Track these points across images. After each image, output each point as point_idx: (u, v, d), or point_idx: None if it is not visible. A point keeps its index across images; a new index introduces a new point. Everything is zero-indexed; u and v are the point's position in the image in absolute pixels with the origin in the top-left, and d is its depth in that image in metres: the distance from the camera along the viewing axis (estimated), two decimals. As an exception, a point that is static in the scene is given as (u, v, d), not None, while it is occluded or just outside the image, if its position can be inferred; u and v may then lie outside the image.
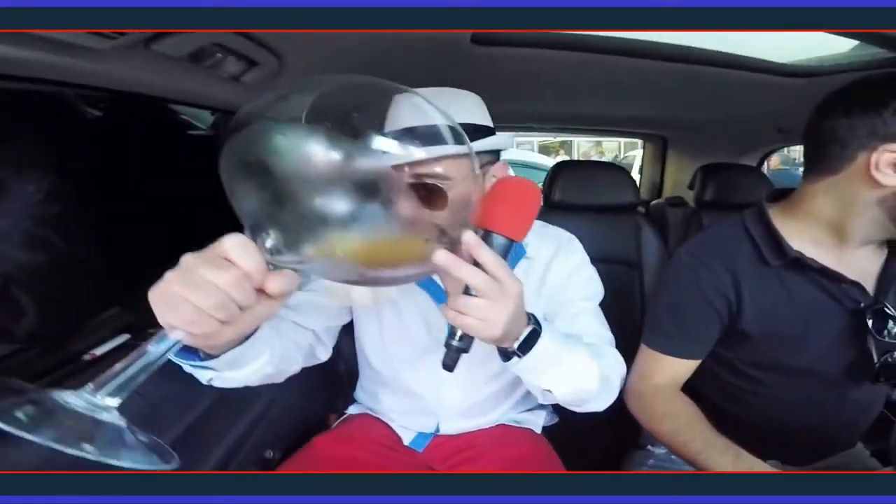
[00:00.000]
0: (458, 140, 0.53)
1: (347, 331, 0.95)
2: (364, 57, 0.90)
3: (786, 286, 0.81)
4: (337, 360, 1.16)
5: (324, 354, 0.88)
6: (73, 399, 0.38)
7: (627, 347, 0.87)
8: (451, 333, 0.58)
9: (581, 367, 0.68)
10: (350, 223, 0.43)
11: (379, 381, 0.96)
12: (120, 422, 0.39)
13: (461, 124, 0.55)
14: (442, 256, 0.50)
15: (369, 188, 0.44)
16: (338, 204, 0.42)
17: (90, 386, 0.39)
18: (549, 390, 0.67)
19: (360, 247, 0.45)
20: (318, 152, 0.41)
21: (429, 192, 0.65)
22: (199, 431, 0.84)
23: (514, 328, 0.59)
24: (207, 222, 0.59)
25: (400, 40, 0.86)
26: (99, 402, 0.39)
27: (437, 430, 0.93)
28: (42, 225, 0.88)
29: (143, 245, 1.08)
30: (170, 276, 0.41)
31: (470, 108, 0.77)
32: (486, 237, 0.57)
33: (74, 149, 0.95)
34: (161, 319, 0.42)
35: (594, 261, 0.91)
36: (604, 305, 0.87)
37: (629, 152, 6.07)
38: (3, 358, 0.78)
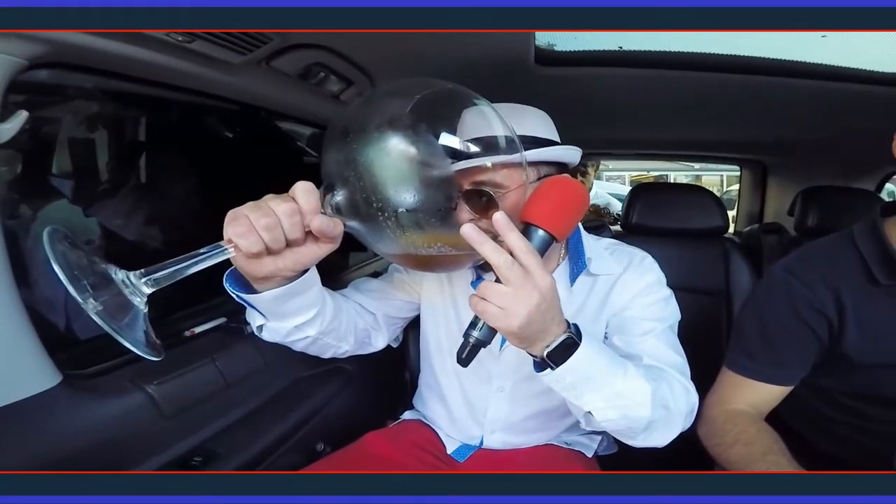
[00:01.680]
0: (513, 150, 0.58)
1: (417, 340, 0.98)
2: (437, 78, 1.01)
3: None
4: (403, 368, 1.23)
5: (381, 342, 0.90)
6: (119, 275, 0.45)
7: (707, 387, 0.82)
8: (473, 324, 0.57)
9: (631, 391, 0.61)
10: (405, 209, 0.51)
11: (433, 387, 0.96)
12: (142, 307, 0.46)
13: (520, 136, 0.60)
14: (468, 230, 0.51)
15: (428, 184, 0.52)
16: (399, 191, 0.51)
17: (140, 271, 0.46)
18: (590, 413, 0.62)
19: (407, 229, 0.53)
20: (390, 148, 0.51)
21: (481, 198, 0.68)
22: (262, 414, 0.93)
23: (541, 329, 0.55)
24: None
25: (469, 63, 0.92)
26: (137, 283, 0.45)
27: (482, 442, 0.91)
28: (184, 216, 1.06)
29: None
30: (248, 203, 0.50)
31: (533, 122, 0.78)
32: (525, 230, 0.57)
33: (212, 159, 1.14)
34: (224, 233, 0.49)
35: (674, 289, 0.85)
36: (683, 337, 0.80)
37: (732, 186, 5.63)
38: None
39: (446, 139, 0.53)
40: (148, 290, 0.46)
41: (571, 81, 1.11)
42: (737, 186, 5.38)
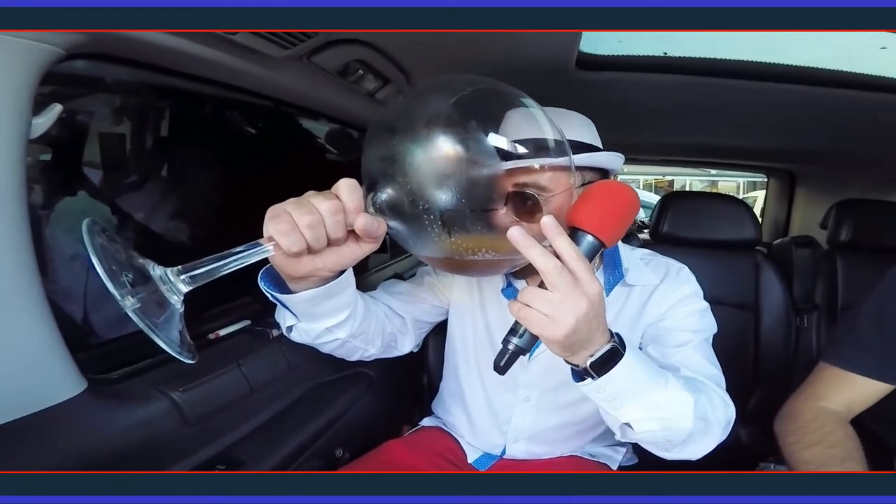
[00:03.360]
0: (561, 153, 0.55)
1: (437, 345, 0.96)
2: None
3: None
4: (421, 372, 1.21)
5: (408, 346, 0.88)
6: (157, 271, 0.44)
7: (734, 400, 0.77)
8: (513, 330, 0.54)
9: (672, 403, 0.59)
10: (451, 210, 0.48)
11: (457, 394, 0.95)
12: (178, 306, 0.45)
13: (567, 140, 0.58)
14: (515, 233, 0.48)
15: (476, 185, 0.49)
16: (446, 191, 0.48)
17: (178, 267, 0.44)
18: (628, 425, 0.59)
19: (451, 231, 0.50)
20: (438, 146, 0.48)
21: (525, 201, 0.64)
22: (285, 419, 0.92)
23: (586, 339, 0.53)
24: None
25: (508, 65, 0.90)
26: (175, 280, 0.44)
27: (504, 452, 0.90)
28: (207, 208, 1.05)
29: None
30: (290, 200, 0.48)
31: (578, 126, 0.77)
32: (573, 235, 0.54)
33: (235, 153, 1.12)
34: (265, 230, 0.47)
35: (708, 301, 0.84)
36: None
37: (749, 193, 5.56)
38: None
39: (495, 139, 0.50)
40: (185, 288, 0.44)
41: (610, 86, 1.08)
42: (755, 193, 5.35)
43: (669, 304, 0.80)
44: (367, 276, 1.47)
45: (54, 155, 0.94)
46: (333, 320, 0.65)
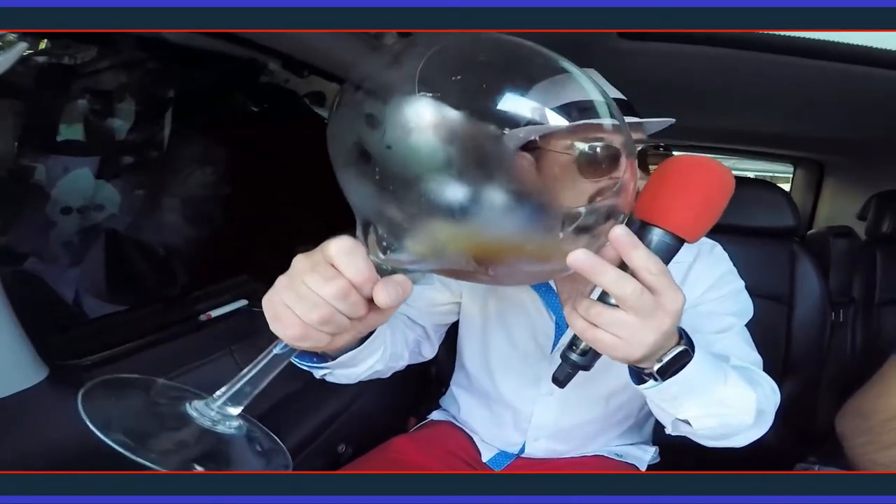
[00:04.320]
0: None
1: (447, 332, 0.90)
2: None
3: None
4: (429, 363, 1.12)
5: (429, 352, 0.84)
6: (198, 412, 0.38)
7: None
8: (573, 344, 0.48)
9: (735, 400, 0.55)
10: (471, 211, 0.35)
11: (469, 388, 0.89)
12: (240, 431, 0.39)
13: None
14: (580, 258, 0.39)
15: (489, 166, 0.36)
16: (456, 188, 0.34)
17: (212, 398, 0.39)
18: (686, 421, 0.55)
19: (481, 240, 0.37)
20: (427, 124, 0.34)
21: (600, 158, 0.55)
22: (280, 415, 0.83)
23: (660, 348, 0.47)
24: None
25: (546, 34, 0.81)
26: (221, 410, 0.39)
27: (522, 450, 0.84)
28: (210, 202, 0.99)
29: (278, 220, 1.15)
30: (280, 282, 0.39)
31: (606, 85, 0.70)
32: (645, 231, 0.45)
33: (241, 139, 1.07)
34: (272, 328, 0.39)
35: None
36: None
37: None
38: (129, 308, 0.86)
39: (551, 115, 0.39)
40: (236, 411, 0.39)
41: (649, 58, 0.98)
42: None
43: (707, 285, 0.74)
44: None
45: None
46: (371, 360, 0.62)
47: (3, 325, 0.50)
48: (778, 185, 1.45)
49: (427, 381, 1.15)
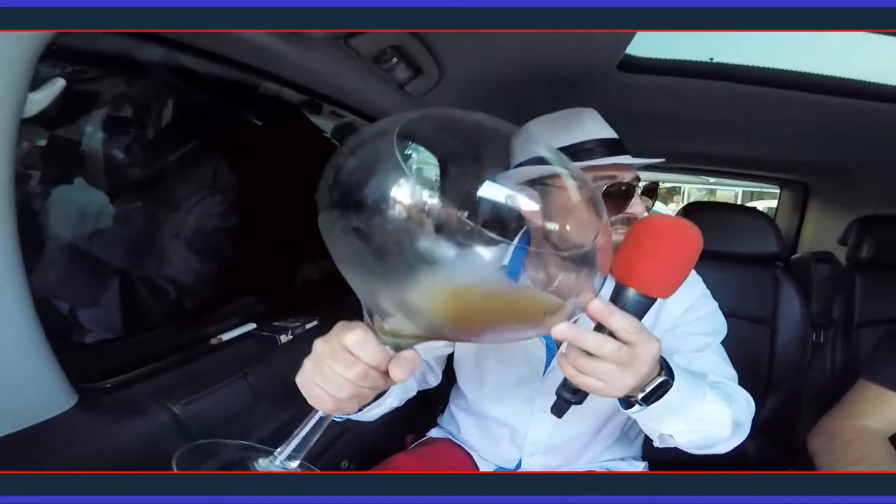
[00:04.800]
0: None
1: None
2: (514, 78, 0.92)
3: None
4: None
5: (434, 381, 0.91)
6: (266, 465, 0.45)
7: None
8: (565, 384, 0.55)
9: (713, 415, 0.62)
10: (464, 289, 0.38)
11: (467, 408, 0.92)
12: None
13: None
14: (563, 331, 0.44)
15: (468, 255, 0.37)
16: (436, 278, 0.37)
17: (273, 455, 0.46)
18: (671, 436, 0.62)
19: (466, 320, 0.40)
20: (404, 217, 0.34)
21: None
22: (286, 433, 0.85)
23: (640, 384, 0.53)
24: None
25: (549, 63, 0.85)
26: (285, 465, 0.46)
27: (519, 466, 0.87)
28: (219, 234, 1.00)
29: (280, 242, 1.17)
30: (308, 365, 0.46)
31: (593, 124, 0.76)
32: (621, 291, 0.50)
33: (244, 156, 1.07)
34: (310, 403, 0.46)
35: (724, 315, 0.83)
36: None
37: (748, 203, 5.56)
38: (143, 334, 0.87)
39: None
40: (295, 464, 0.46)
41: (646, 90, 1.03)
42: (753, 203, 5.35)
43: (684, 308, 0.79)
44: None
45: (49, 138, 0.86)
46: (388, 402, 0.70)
47: (35, 350, 0.52)
48: (765, 200, 1.50)
49: (426, 401, 1.16)
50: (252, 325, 0.90)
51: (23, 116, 0.46)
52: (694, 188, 7.74)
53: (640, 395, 0.55)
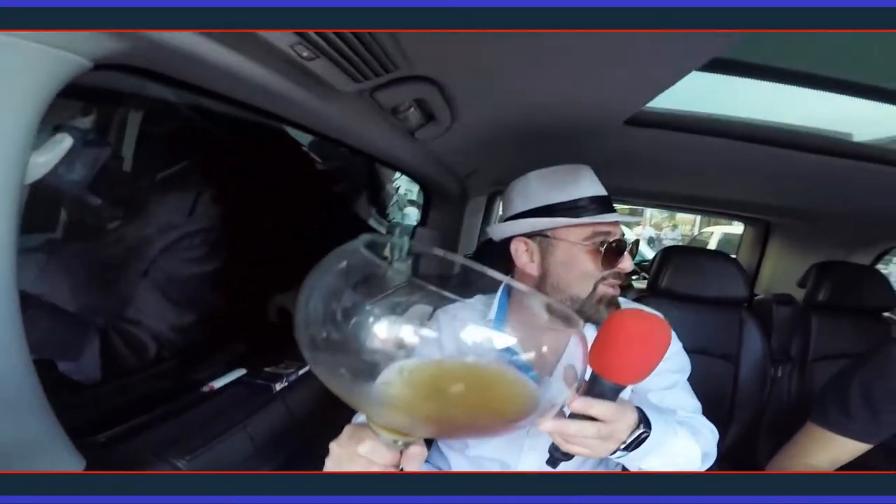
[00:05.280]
0: None
1: None
2: (522, 127, 0.94)
3: None
4: None
5: None
6: None
7: None
8: (556, 447, 0.60)
9: (684, 451, 0.68)
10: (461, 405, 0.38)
11: (454, 446, 0.92)
12: None
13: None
14: (550, 427, 0.54)
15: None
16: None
17: None
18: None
19: (454, 426, 0.41)
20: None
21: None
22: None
23: (622, 440, 0.60)
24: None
25: (559, 117, 0.88)
26: None
27: None
28: (198, 282, 0.91)
29: (264, 278, 1.12)
30: (329, 465, 0.53)
31: (589, 181, 0.81)
32: (597, 380, 0.55)
33: (228, 193, 0.97)
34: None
35: (691, 352, 0.88)
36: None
37: (705, 228, 5.84)
38: (132, 382, 0.83)
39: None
40: None
41: (645, 142, 1.09)
42: (710, 228, 5.64)
43: None
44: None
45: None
46: None
47: (41, 418, 0.49)
48: (721, 225, 1.59)
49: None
50: (242, 371, 0.86)
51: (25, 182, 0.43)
52: (656, 212, 8.10)
53: (623, 447, 0.61)
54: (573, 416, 0.56)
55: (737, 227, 4.75)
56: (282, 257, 1.08)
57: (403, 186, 2.16)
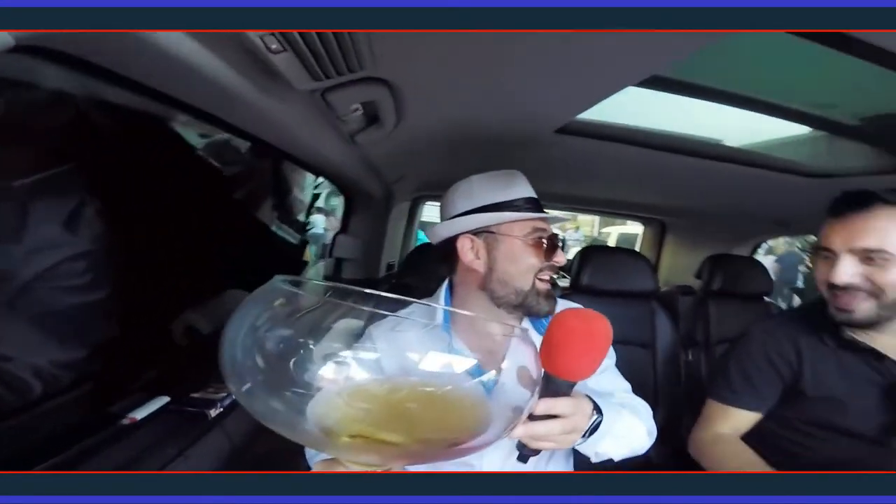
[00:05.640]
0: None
1: None
2: (459, 132, 0.95)
3: (839, 359, 0.95)
4: None
5: None
6: None
7: None
8: (523, 443, 0.63)
9: (630, 432, 0.76)
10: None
11: None
12: None
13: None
14: (520, 433, 0.59)
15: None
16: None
17: None
18: (605, 453, 0.75)
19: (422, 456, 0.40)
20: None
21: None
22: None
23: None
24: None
25: (495, 123, 0.92)
26: None
27: None
28: (85, 312, 0.79)
29: (168, 304, 1.02)
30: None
31: (523, 185, 0.87)
32: (550, 379, 0.59)
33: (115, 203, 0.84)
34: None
35: (614, 342, 0.93)
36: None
37: (604, 229, 6.36)
38: (43, 414, 0.71)
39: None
40: None
41: (569, 149, 1.16)
42: (608, 229, 6.14)
43: None
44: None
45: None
46: None
47: None
48: (616, 225, 1.75)
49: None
50: (165, 399, 0.77)
51: None
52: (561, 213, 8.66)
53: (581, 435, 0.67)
54: (535, 417, 0.60)
55: (631, 227, 5.27)
56: (181, 272, 0.99)
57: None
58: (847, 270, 0.87)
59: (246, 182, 1.50)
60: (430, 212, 2.81)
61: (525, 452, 0.65)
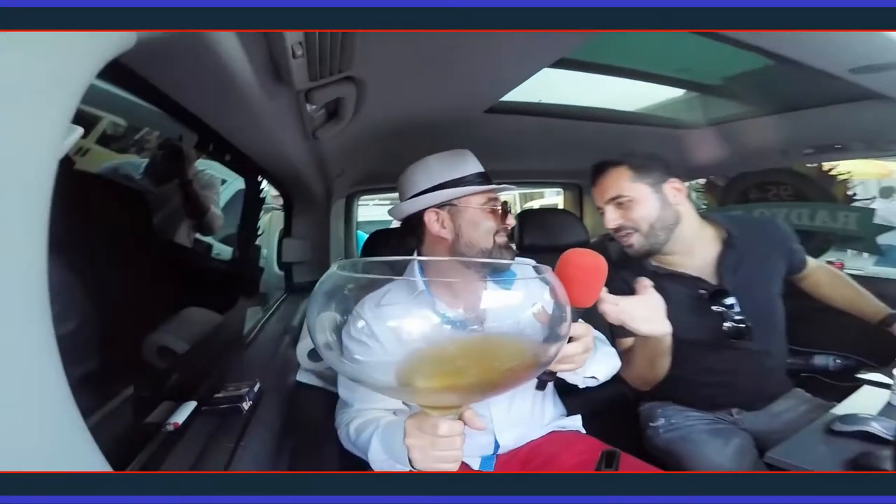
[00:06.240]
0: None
1: None
2: (402, 121, 1.05)
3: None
4: None
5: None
6: None
7: None
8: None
9: (608, 357, 0.94)
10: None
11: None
12: None
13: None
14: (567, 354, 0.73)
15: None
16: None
17: None
18: (593, 377, 0.91)
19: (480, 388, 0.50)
20: None
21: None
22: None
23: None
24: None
25: (433, 105, 1.02)
26: None
27: (498, 446, 0.99)
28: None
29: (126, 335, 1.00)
30: (416, 456, 0.63)
31: (474, 162, 1.00)
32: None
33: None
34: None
35: None
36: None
37: (526, 204, 6.71)
38: None
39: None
40: None
41: (497, 126, 1.31)
42: (530, 204, 6.47)
43: None
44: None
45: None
46: None
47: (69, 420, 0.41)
48: (535, 199, 1.92)
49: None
50: (193, 403, 0.79)
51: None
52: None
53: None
54: None
55: (549, 199, 5.64)
56: (123, 302, 0.97)
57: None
58: (610, 217, 1.14)
59: (162, 204, 1.50)
60: (365, 212, 2.87)
61: (543, 378, 0.77)
